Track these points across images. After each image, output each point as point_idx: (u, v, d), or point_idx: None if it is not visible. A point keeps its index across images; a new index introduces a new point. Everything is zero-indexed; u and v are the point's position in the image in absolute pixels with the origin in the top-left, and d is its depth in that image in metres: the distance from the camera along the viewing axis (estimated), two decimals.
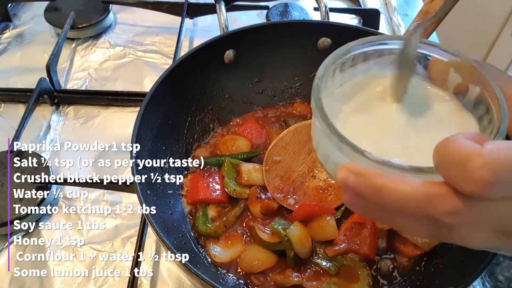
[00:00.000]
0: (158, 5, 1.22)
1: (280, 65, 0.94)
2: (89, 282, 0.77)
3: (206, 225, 0.77)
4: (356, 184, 0.38)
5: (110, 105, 1.05)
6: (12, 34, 1.23)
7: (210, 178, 0.81)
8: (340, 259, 0.73)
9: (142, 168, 0.72)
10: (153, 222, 0.63)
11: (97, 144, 0.97)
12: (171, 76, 0.80)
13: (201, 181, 0.80)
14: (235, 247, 0.75)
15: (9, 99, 1.06)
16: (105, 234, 0.83)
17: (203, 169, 0.84)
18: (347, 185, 0.38)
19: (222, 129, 0.92)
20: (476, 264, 0.60)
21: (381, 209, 0.38)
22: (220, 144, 0.89)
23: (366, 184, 0.37)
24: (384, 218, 0.41)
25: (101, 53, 1.18)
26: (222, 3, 1.03)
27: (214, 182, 0.80)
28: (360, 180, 0.37)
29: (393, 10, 1.27)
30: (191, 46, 1.20)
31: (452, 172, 0.34)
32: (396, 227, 0.41)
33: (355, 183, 0.38)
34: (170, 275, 0.78)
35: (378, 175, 0.37)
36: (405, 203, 0.36)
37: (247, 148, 0.88)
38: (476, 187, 0.33)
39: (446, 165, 0.35)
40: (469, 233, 0.37)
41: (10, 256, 0.80)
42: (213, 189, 0.80)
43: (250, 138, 0.90)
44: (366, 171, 0.38)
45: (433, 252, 0.74)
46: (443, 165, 0.35)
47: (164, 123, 0.81)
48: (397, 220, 0.39)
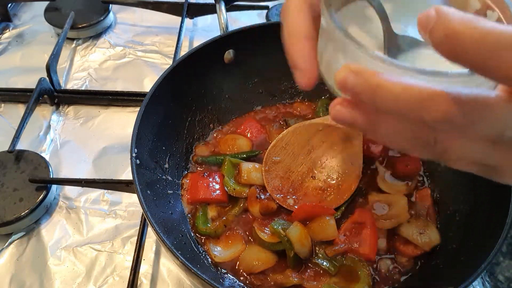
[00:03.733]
0: (158, 5, 1.23)
1: (280, 65, 0.94)
2: (89, 282, 0.77)
3: (206, 225, 0.77)
4: (355, 84, 0.38)
5: (110, 105, 1.05)
6: (12, 34, 1.23)
7: (210, 178, 0.81)
8: (340, 259, 0.73)
9: (142, 168, 0.72)
10: (153, 222, 0.63)
11: (97, 144, 0.98)
12: (171, 76, 0.80)
13: (201, 181, 0.80)
14: (235, 246, 0.75)
15: (9, 99, 1.06)
16: (105, 234, 0.83)
17: (203, 169, 0.84)
18: (345, 86, 0.38)
19: (222, 129, 0.92)
20: (476, 264, 0.60)
21: (374, 113, 0.39)
22: (221, 143, 0.89)
23: (364, 82, 0.37)
24: (375, 125, 0.41)
25: (101, 53, 1.18)
26: (222, 3, 1.03)
27: (214, 182, 0.80)
28: (358, 79, 0.37)
29: None
30: (191, 46, 1.20)
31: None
32: (385, 137, 0.41)
33: (354, 82, 0.37)
34: (170, 275, 0.78)
35: (377, 74, 0.37)
36: (400, 103, 0.36)
37: (247, 147, 0.88)
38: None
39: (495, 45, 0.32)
40: (455, 143, 0.38)
41: (10, 256, 0.80)
42: (213, 188, 0.80)
43: (251, 137, 0.90)
44: (366, 70, 0.37)
45: (433, 252, 0.74)
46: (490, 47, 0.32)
47: (164, 123, 0.81)
48: (387, 126, 0.40)
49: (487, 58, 0.32)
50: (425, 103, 0.35)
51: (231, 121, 0.93)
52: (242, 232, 0.77)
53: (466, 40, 0.32)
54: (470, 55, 0.33)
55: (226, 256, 0.74)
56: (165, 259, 0.80)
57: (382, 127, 0.40)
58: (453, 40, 0.33)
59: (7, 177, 0.87)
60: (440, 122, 0.35)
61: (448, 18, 0.33)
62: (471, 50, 0.32)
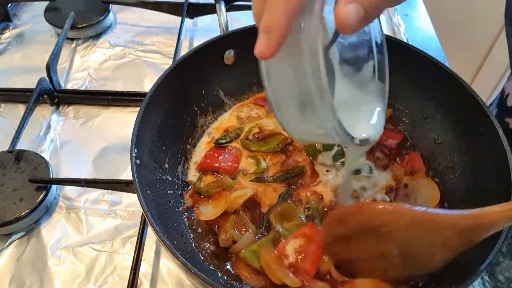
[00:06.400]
0: (158, 5, 1.22)
1: None
2: (89, 282, 0.77)
3: (200, 184, 0.82)
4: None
5: (110, 105, 1.05)
6: (12, 34, 1.23)
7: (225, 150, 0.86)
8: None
9: (142, 168, 0.72)
10: (153, 222, 0.63)
11: (97, 144, 0.98)
12: (171, 76, 0.80)
13: (216, 152, 0.85)
14: (220, 206, 0.78)
15: (9, 99, 1.06)
16: (105, 234, 0.83)
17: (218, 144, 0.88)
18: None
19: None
20: (476, 264, 0.60)
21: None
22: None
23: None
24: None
25: (101, 53, 1.18)
26: (222, 3, 1.03)
27: (227, 154, 0.85)
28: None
29: (393, 10, 1.28)
30: (191, 46, 1.20)
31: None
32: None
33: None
34: (170, 275, 0.78)
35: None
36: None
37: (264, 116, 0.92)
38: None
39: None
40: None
41: (10, 256, 0.80)
42: (224, 159, 0.84)
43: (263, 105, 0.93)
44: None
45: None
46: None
47: (164, 123, 0.81)
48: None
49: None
50: None
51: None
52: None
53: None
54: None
55: (210, 214, 0.77)
56: (165, 259, 0.80)
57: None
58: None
59: (7, 177, 0.87)
60: None
61: None
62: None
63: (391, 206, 0.66)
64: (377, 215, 0.63)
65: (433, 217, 0.60)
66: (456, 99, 0.79)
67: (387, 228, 0.62)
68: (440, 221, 0.59)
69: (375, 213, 0.63)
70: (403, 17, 1.26)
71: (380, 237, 0.62)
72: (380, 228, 0.62)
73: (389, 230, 0.62)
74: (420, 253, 0.61)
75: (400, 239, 0.61)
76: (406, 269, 0.64)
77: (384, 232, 0.62)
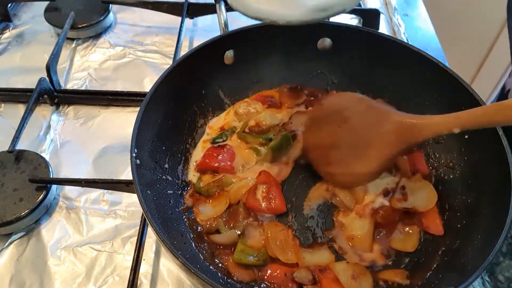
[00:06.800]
0: (158, 5, 1.22)
1: (280, 65, 0.94)
2: (89, 282, 0.77)
3: (199, 184, 0.83)
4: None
5: (110, 105, 1.05)
6: (12, 34, 1.23)
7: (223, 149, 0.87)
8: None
9: (142, 168, 0.72)
10: (153, 222, 0.63)
11: (97, 144, 0.98)
12: (171, 76, 0.80)
13: (214, 152, 0.86)
14: (219, 206, 0.81)
15: (9, 99, 1.06)
16: (105, 234, 0.83)
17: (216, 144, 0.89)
18: None
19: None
20: (476, 264, 0.60)
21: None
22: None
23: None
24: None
25: (101, 53, 1.18)
26: (222, 3, 1.03)
27: (226, 153, 0.86)
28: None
29: (393, 10, 1.28)
30: (191, 46, 1.20)
31: None
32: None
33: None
34: (170, 275, 0.78)
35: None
36: None
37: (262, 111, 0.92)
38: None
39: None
40: None
41: (10, 256, 0.80)
42: (223, 158, 0.85)
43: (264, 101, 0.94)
44: None
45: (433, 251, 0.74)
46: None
47: (164, 123, 0.81)
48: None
49: None
50: None
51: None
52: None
53: None
54: None
55: (210, 214, 0.79)
56: (165, 259, 0.80)
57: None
58: None
59: (7, 177, 0.87)
60: None
61: None
62: None
63: (353, 93, 0.86)
64: (342, 100, 0.81)
65: (385, 110, 0.75)
66: (456, 99, 0.79)
67: (348, 112, 0.77)
68: (388, 113, 0.73)
69: (341, 97, 0.84)
70: (403, 17, 1.26)
71: (343, 121, 0.77)
72: (342, 111, 0.78)
73: (349, 114, 0.77)
74: (366, 144, 0.75)
75: (356, 123, 0.76)
76: (355, 167, 0.77)
77: (345, 115, 0.77)
